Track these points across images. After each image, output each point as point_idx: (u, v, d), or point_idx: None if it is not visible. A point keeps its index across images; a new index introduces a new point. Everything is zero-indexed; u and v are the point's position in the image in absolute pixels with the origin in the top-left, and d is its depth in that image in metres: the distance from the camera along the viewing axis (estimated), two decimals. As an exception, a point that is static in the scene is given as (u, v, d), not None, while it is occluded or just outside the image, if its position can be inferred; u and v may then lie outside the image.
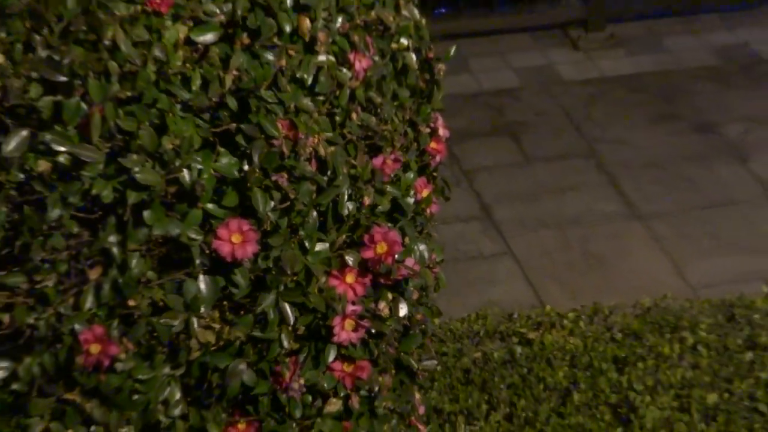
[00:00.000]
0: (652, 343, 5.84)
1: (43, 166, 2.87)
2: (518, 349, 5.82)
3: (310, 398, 3.33)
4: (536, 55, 9.29)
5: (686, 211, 7.66)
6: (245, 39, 3.09)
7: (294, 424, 3.32)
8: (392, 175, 3.37)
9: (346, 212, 3.23)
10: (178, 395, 3.14)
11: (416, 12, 3.65)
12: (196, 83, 3.00)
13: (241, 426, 3.25)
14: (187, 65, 3.01)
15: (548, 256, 7.27)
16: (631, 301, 6.41)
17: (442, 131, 3.70)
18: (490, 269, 7.12)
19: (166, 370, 3.11)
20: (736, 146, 8.23)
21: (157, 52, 2.94)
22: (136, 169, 2.89)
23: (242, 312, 3.15)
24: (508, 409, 5.39)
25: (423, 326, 3.66)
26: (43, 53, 2.83)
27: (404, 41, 3.52)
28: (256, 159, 3.05)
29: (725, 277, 6.84)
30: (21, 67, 2.81)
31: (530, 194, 7.86)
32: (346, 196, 3.22)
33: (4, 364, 2.97)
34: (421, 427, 4.00)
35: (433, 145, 3.64)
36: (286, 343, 3.19)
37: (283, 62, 3.11)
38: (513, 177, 8.01)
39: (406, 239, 3.39)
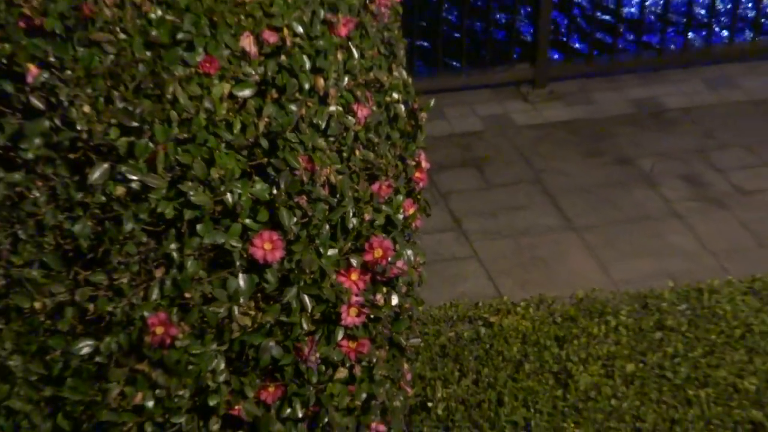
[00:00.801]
0: (584, 325, 5.83)
1: (119, 190, 2.87)
2: (482, 330, 5.81)
3: (323, 368, 3.32)
4: (495, 105, 9.29)
5: (610, 225, 7.65)
6: (274, 94, 3.08)
7: (311, 388, 3.31)
8: (386, 198, 3.37)
9: (351, 226, 3.23)
10: (222, 366, 3.13)
11: (404, 73, 3.65)
12: (237, 127, 3.00)
13: (271, 389, 3.24)
14: (230, 113, 3.00)
15: (504, 258, 7.26)
16: (568, 293, 6.41)
17: (424, 164, 3.70)
18: (461, 269, 7.12)
19: (214, 346, 3.10)
20: (647, 176, 8.23)
21: (207, 104, 2.94)
22: (191, 193, 2.88)
23: (271, 302, 3.14)
24: (475, 376, 5.37)
25: (410, 313, 3.66)
26: (120, 104, 2.82)
27: (395, 95, 3.52)
28: (282, 185, 3.04)
29: (640, 275, 6.84)
30: (103, 116, 2.81)
31: (490, 211, 7.85)
32: (351, 213, 3.22)
33: (89, 342, 2.96)
34: (408, 389, 3.99)
35: (417, 174, 3.65)
36: (305, 326, 3.19)
37: (303, 111, 3.10)
38: (477, 198, 8.02)
39: (397, 246, 3.38)
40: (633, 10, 11.20)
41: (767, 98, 9.32)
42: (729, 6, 11.41)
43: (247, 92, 3.04)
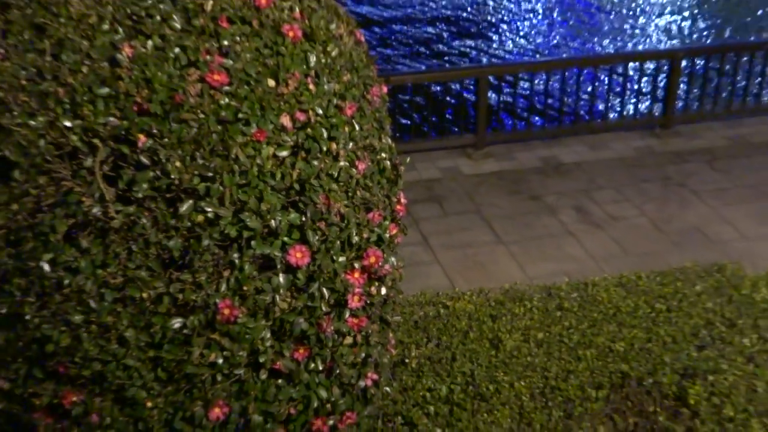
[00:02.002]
0: (509, 307, 5.82)
1: (200, 218, 2.85)
2: (441, 311, 5.80)
3: (336, 336, 3.30)
4: (449, 161, 9.30)
5: (526, 240, 7.65)
6: (303, 154, 3.07)
7: (328, 350, 3.29)
8: (378, 223, 3.35)
9: (354, 241, 3.21)
10: (268, 335, 3.11)
11: (389, 139, 3.64)
12: (278, 176, 2.98)
13: (301, 351, 3.22)
14: (274, 167, 2.99)
15: (456, 263, 7.26)
16: (499, 286, 6.40)
17: (402, 200, 3.69)
18: (427, 270, 7.11)
19: (263, 322, 3.09)
20: (551, 207, 8.24)
21: (258, 161, 2.92)
22: (248, 220, 2.88)
23: (301, 292, 3.12)
24: (436, 341, 5.35)
25: (394, 299, 3.64)
26: (200, 161, 2.81)
27: (383, 155, 3.51)
28: (308, 215, 3.03)
29: (546, 273, 6.84)
30: (189, 169, 2.80)
31: (446, 231, 7.85)
32: (354, 233, 3.20)
33: (180, 320, 2.94)
34: (392, 351, 3.98)
35: (398, 207, 3.64)
36: (324, 308, 3.17)
37: (322, 166, 3.09)
38: (438, 223, 8.02)
39: (384, 255, 3.37)
40: (540, 97, 11.18)
41: (628, 156, 9.35)
42: (603, 94, 11.48)
43: (284, 153, 3.03)
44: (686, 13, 18.57)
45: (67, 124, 2.81)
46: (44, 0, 3.03)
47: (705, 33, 17.64)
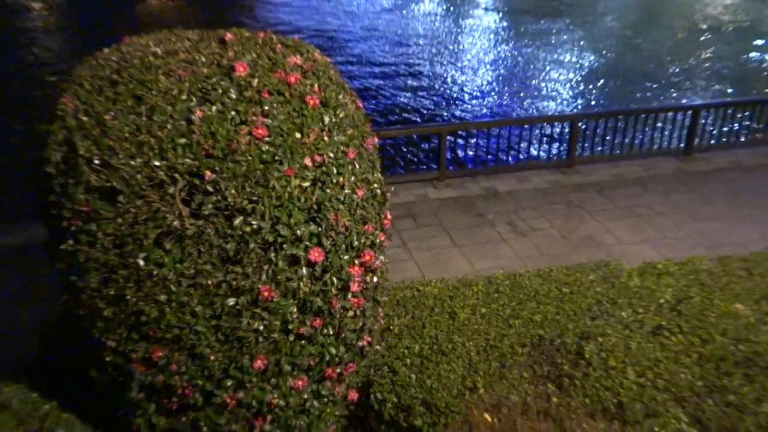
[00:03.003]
0: (462, 291, 5.80)
1: (247, 228, 2.86)
2: (415, 293, 5.77)
3: (342, 310, 3.30)
4: (421, 189, 9.30)
5: (474, 245, 7.66)
6: (319, 185, 3.07)
7: (336, 320, 3.29)
8: (372, 232, 3.36)
9: (355, 245, 3.22)
10: (295, 310, 3.11)
11: (379, 174, 3.64)
12: (302, 200, 2.99)
13: (317, 321, 3.21)
14: (299, 193, 3.00)
15: (426, 260, 7.27)
16: (455, 276, 6.39)
17: (388, 216, 3.69)
18: (405, 265, 7.12)
19: (291, 301, 3.08)
20: (491, 222, 8.25)
21: (288, 189, 2.93)
22: (281, 230, 2.88)
23: (317, 280, 3.12)
24: (411, 314, 5.33)
25: (382, 285, 3.64)
26: (248, 189, 2.82)
27: (375, 185, 3.51)
28: (323, 227, 3.04)
29: (487, 267, 6.86)
30: (240, 195, 2.80)
31: (419, 238, 7.86)
32: (354, 239, 3.20)
33: (233, 299, 2.94)
34: (381, 321, 3.98)
35: (386, 221, 3.64)
36: (334, 291, 3.17)
37: (332, 193, 3.10)
38: (413, 232, 8.02)
39: (376, 254, 3.37)
40: (484, 140, 11.22)
41: (543, 187, 9.37)
42: (527, 143, 11.53)
43: (307, 184, 3.04)
44: (583, 88, 18.67)
45: (156, 163, 2.82)
46: (141, 78, 3.04)
47: (599, 99, 17.73)
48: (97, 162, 2.86)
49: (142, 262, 2.86)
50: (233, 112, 2.98)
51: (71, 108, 3.04)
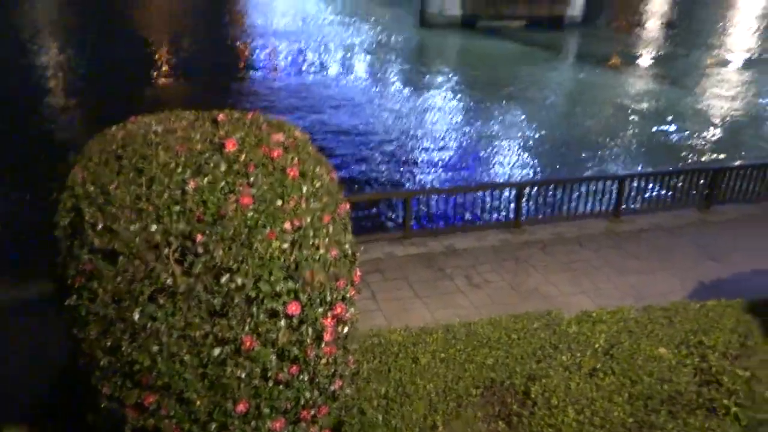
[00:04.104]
0: (424, 338, 5.77)
1: (233, 285, 2.83)
2: (382, 340, 5.72)
3: (316, 358, 3.24)
4: (387, 247, 9.28)
5: (435, 296, 7.66)
6: (298, 246, 3.07)
7: (310, 367, 3.23)
8: (343, 287, 3.34)
9: (329, 299, 3.19)
10: (274, 358, 3.06)
11: (351, 235, 3.65)
12: (282, 259, 2.98)
13: (294, 368, 3.16)
14: (279, 254, 2.98)
15: (392, 310, 7.23)
16: (418, 324, 6.35)
17: (358, 272, 3.69)
18: (374, 315, 7.06)
19: (270, 349, 3.03)
20: (450, 276, 8.27)
21: (270, 250, 2.92)
22: (263, 287, 2.86)
23: (295, 331, 3.08)
24: (378, 360, 5.26)
25: (352, 334, 3.59)
26: (234, 250, 2.79)
27: (347, 246, 3.52)
28: (300, 283, 3.02)
29: (446, 317, 6.83)
30: (227, 256, 2.77)
31: (386, 291, 7.82)
32: (328, 294, 3.19)
33: (219, 349, 2.89)
34: (351, 366, 3.90)
35: (356, 277, 3.63)
36: (309, 341, 3.12)
37: (310, 253, 3.09)
38: (381, 285, 7.98)
39: (347, 307, 3.35)
40: (444, 204, 11.31)
41: (495, 245, 9.41)
42: (480, 206, 11.66)
43: (286, 245, 3.04)
44: (529, 158, 19.10)
45: (153, 228, 2.80)
46: (142, 153, 3.05)
47: (543, 167, 18.11)
48: (100, 226, 2.83)
49: (137, 316, 2.81)
50: (223, 183, 2.99)
51: (80, 178, 3.03)
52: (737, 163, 14.26)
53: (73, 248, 2.89)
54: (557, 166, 18.17)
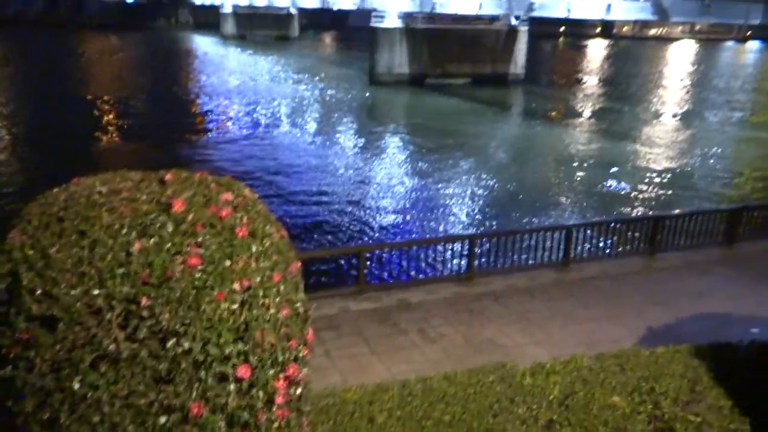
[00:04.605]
0: (379, 395, 5.63)
1: (179, 350, 2.74)
2: (337, 400, 5.58)
3: (269, 422, 3.14)
4: (343, 303, 9.18)
5: (390, 351, 7.57)
6: (247, 306, 3.01)
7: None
8: (295, 347, 3.27)
9: (280, 359, 3.12)
10: (223, 425, 2.94)
11: (302, 294, 3.59)
12: (231, 321, 2.91)
13: (245, 433, 3.05)
14: (228, 315, 2.92)
15: (348, 368, 7.10)
16: (374, 381, 6.23)
17: (311, 332, 3.62)
18: (329, 373, 6.92)
19: (220, 416, 2.91)
20: (405, 330, 8.21)
21: (218, 312, 2.85)
22: (211, 350, 2.78)
23: (245, 395, 2.98)
24: (333, 421, 5.11)
25: (306, 396, 3.49)
26: (181, 314, 2.72)
27: (298, 304, 3.47)
28: (250, 345, 2.95)
29: (402, 372, 6.75)
30: (174, 319, 2.70)
31: (341, 347, 7.70)
32: (280, 355, 3.11)
33: (165, 417, 2.77)
34: (305, 428, 3.79)
35: (308, 336, 3.56)
36: (260, 405, 3.02)
37: (260, 313, 3.03)
38: (336, 342, 7.86)
39: (300, 367, 3.28)
40: (397, 258, 11.32)
41: (448, 297, 9.45)
42: (433, 259, 11.74)
43: (235, 306, 2.97)
44: (481, 210, 19.46)
45: (96, 292, 2.72)
46: (85, 215, 2.97)
47: (495, 218, 18.46)
48: (39, 292, 2.72)
49: (77, 386, 2.68)
50: (169, 244, 2.93)
51: (18, 242, 2.92)
52: (677, 211, 14.86)
53: (9, 316, 2.76)
54: (507, 217, 18.57)
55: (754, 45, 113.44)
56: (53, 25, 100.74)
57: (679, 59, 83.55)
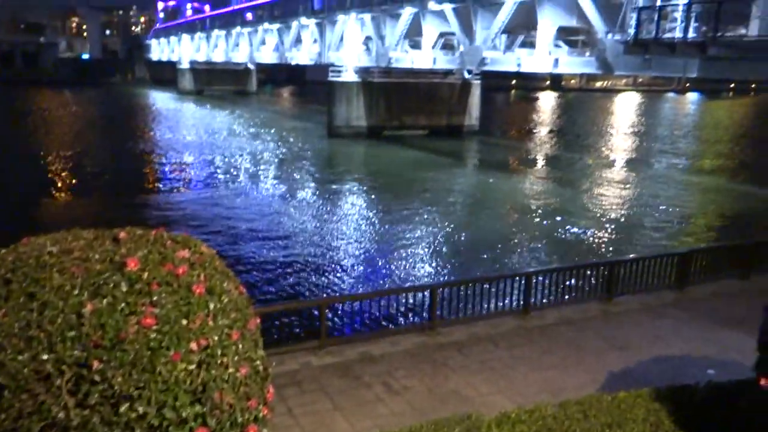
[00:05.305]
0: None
1: (133, 415, 2.63)
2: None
3: None
4: (304, 358, 8.95)
5: (353, 407, 7.39)
6: (205, 366, 2.93)
7: None
8: (255, 407, 3.18)
9: (239, 421, 3.02)
10: None
11: (262, 351, 3.51)
12: (188, 382, 2.82)
13: None
14: (185, 376, 2.83)
15: (311, 425, 6.90)
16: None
17: (271, 390, 3.53)
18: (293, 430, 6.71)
19: None
20: (368, 384, 8.05)
21: (174, 373, 2.77)
22: (167, 413, 2.68)
23: None
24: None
25: None
26: (135, 376, 2.63)
27: (258, 362, 3.39)
28: (208, 406, 2.85)
29: (367, 427, 6.60)
30: (127, 382, 2.60)
31: (303, 404, 7.49)
32: (239, 416, 3.02)
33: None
34: None
35: (268, 395, 3.47)
36: None
37: (218, 373, 2.96)
38: (298, 399, 7.65)
39: (260, 428, 3.18)
40: (359, 310, 11.20)
41: (411, 348, 9.35)
42: (396, 309, 11.67)
43: (192, 366, 2.89)
44: (442, 259, 19.56)
45: (45, 357, 2.61)
46: (35, 276, 2.89)
47: (456, 267, 18.55)
48: (-17, 359, 2.59)
49: (22, 459, 2.53)
50: (123, 304, 2.86)
51: (-39, 308, 2.80)
52: (631, 256, 15.23)
53: (-50, 386, 2.61)
54: (467, 265, 18.71)
55: (692, 96, 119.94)
56: (6, 82, 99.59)
57: (625, 110, 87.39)
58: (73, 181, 31.80)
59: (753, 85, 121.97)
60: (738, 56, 20.10)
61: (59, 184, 30.78)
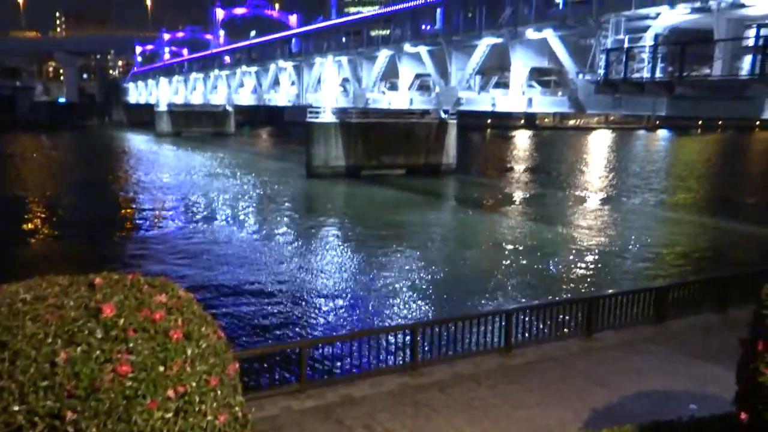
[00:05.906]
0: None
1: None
2: None
3: None
4: (285, 402, 8.77)
5: None
6: (182, 414, 2.86)
7: None
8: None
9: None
10: None
11: (241, 397, 3.44)
12: (165, 431, 2.76)
13: None
14: (162, 424, 2.76)
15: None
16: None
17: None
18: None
19: None
20: (349, 427, 7.89)
21: (151, 422, 2.70)
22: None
23: None
24: None
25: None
26: (110, 426, 2.55)
27: (237, 408, 3.31)
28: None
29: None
30: (102, 433, 2.52)
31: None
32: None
33: None
34: None
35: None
36: None
37: (196, 420, 2.89)
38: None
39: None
40: (339, 352, 11.01)
41: (393, 389, 9.21)
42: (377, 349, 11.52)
43: (169, 414, 2.83)
44: (423, 298, 19.49)
45: (16, 408, 2.53)
46: (7, 324, 2.82)
47: (437, 305, 18.47)
48: (-50, 412, 2.51)
49: None
50: (98, 352, 2.79)
51: (-72, 359, 2.71)
52: (609, 291, 15.34)
53: None
54: (447, 304, 18.66)
55: (663, 133, 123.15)
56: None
57: (598, 147, 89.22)
58: (48, 224, 31.32)
59: (720, 122, 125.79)
60: (704, 95, 20.75)
61: (33, 228, 30.29)
